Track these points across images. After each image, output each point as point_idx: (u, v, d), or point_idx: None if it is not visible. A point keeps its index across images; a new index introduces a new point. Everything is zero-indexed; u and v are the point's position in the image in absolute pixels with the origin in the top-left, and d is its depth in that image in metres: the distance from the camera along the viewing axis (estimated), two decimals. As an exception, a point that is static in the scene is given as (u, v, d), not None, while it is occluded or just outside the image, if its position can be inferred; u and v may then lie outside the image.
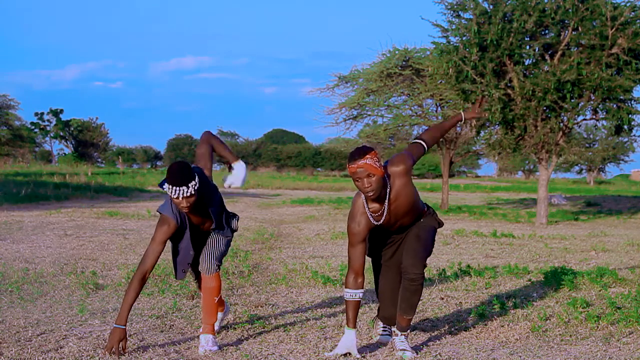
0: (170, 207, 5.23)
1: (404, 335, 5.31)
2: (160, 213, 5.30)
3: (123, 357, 4.99)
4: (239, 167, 5.78)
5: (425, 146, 5.26)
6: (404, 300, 5.23)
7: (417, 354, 5.22)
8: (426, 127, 27.24)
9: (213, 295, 5.44)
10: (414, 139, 5.35)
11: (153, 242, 5.20)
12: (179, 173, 5.03)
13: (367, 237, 5.16)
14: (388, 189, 5.04)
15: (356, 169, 4.90)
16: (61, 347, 5.22)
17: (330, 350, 5.20)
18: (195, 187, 5.07)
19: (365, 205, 5.08)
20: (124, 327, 5.04)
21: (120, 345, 5.03)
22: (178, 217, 5.26)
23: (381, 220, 5.11)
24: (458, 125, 5.75)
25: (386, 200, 5.06)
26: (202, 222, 5.42)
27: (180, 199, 5.04)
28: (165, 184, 5.08)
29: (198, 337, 5.52)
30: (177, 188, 5.01)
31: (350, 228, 5.13)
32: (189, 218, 5.32)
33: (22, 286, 7.52)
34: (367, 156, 4.88)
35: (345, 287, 5.14)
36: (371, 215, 5.07)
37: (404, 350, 5.21)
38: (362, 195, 5.09)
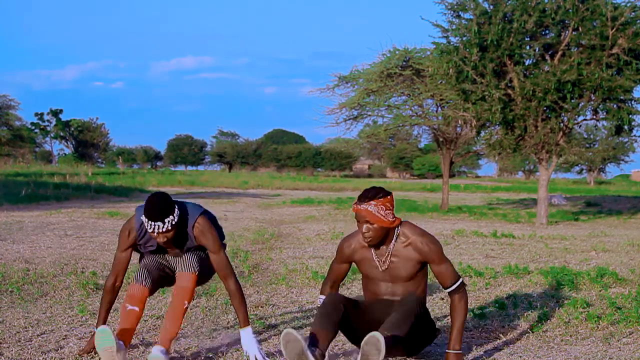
0: (138, 225, 4.92)
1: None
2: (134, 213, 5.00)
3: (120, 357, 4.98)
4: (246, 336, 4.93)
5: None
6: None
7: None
8: (426, 127, 27.39)
9: (185, 298, 4.91)
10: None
11: (117, 249, 5.03)
12: (156, 205, 4.67)
13: (353, 262, 4.94)
14: (392, 245, 4.77)
15: (357, 211, 4.66)
16: (61, 348, 5.22)
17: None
18: (173, 222, 4.69)
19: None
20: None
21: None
22: (141, 233, 4.94)
23: (377, 267, 4.88)
24: None
25: (387, 255, 4.81)
26: (171, 249, 5.07)
27: (156, 234, 4.72)
28: (143, 215, 4.74)
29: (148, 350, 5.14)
30: (153, 223, 4.66)
31: (342, 247, 4.94)
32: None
33: (23, 286, 7.52)
34: (372, 202, 4.61)
35: (321, 294, 5.04)
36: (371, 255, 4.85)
37: None
38: None
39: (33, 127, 78.25)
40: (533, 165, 76.39)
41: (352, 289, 8.00)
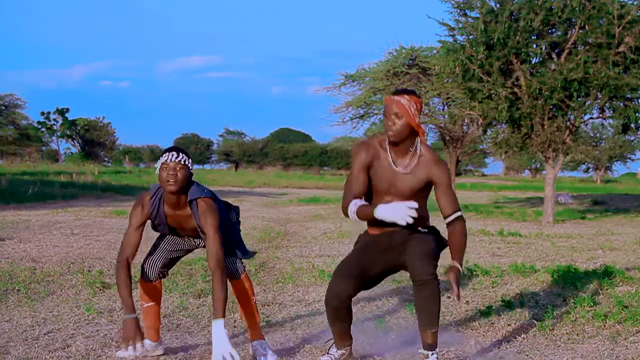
0: (153, 193, 4.94)
1: (435, 354, 4.63)
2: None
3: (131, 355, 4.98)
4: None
5: None
6: (422, 312, 4.54)
7: None
8: (432, 126, 27.36)
9: (249, 296, 5.15)
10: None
11: (129, 226, 4.95)
12: (173, 146, 4.85)
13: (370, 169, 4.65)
14: (414, 150, 4.62)
15: (388, 103, 4.53)
16: (68, 346, 5.23)
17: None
18: (186, 161, 4.77)
19: (386, 144, 4.67)
20: (135, 315, 4.73)
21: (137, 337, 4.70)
22: (157, 207, 4.93)
23: (393, 167, 4.62)
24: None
25: (408, 157, 4.63)
26: (182, 228, 5.06)
27: (169, 162, 4.72)
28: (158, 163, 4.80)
29: (250, 344, 5.18)
30: (168, 153, 4.77)
31: (360, 150, 4.65)
32: (169, 219, 4.99)
33: (30, 285, 7.54)
34: (406, 96, 4.51)
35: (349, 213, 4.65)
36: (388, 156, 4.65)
37: None
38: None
39: (39, 126, 78.28)
40: (540, 164, 76.25)
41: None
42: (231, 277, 5.09)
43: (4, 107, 59.55)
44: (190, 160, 4.84)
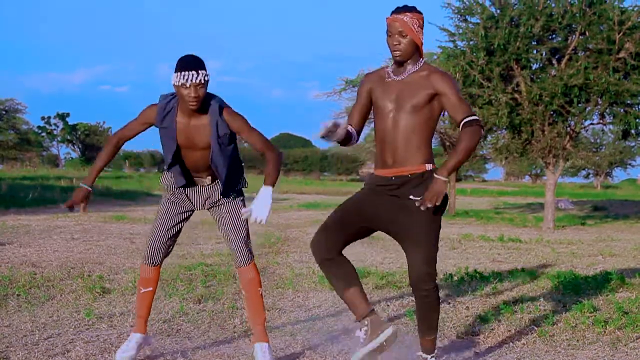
0: (167, 101, 4.83)
1: (434, 356, 4.73)
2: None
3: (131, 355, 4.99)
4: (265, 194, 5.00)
5: None
6: (421, 321, 4.65)
7: None
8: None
9: (256, 287, 5.03)
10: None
11: (134, 119, 4.91)
12: (191, 56, 4.67)
13: (371, 98, 4.68)
14: (412, 68, 4.54)
15: (391, 22, 4.47)
16: (68, 351, 5.23)
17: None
18: (206, 77, 4.64)
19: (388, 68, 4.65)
20: (89, 187, 4.86)
21: (82, 204, 4.82)
22: (163, 114, 4.82)
23: (393, 77, 4.59)
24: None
25: (403, 74, 4.56)
26: (192, 144, 4.88)
27: (189, 84, 4.59)
28: (173, 75, 4.65)
29: (252, 346, 5.11)
30: (187, 72, 4.57)
31: (363, 81, 4.74)
32: (179, 137, 4.86)
33: (29, 290, 7.53)
34: (409, 14, 4.44)
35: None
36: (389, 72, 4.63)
37: None
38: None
39: (40, 131, 78.27)
40: (540, 170, 76.21)
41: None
42: (238, 265, 5.05)
43: (4, 112, 59.57)
44: (207, 71, 4.71)
